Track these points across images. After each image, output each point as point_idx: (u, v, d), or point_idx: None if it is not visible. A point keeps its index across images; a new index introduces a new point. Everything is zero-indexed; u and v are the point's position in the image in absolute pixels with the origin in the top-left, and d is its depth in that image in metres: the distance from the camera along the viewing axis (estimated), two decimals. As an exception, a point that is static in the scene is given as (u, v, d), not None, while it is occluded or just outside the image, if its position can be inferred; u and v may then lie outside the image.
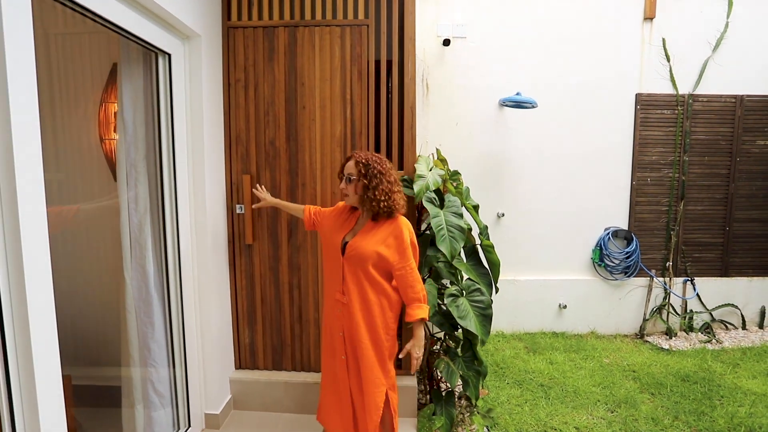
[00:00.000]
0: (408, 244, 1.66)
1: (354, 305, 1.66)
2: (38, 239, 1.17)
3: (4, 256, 1.12)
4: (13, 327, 1.15)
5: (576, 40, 3.52)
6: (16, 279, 1.13)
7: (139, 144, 1.89)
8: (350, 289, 1.67)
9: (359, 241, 1.65)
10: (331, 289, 1.76)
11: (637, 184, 3.62)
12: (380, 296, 1.68)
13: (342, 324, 1.71)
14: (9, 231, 1.12)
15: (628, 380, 2.89)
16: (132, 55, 1.86)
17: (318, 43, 2.22)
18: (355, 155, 1.67)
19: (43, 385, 1.17)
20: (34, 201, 1.16)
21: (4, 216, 1.12)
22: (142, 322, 1.92)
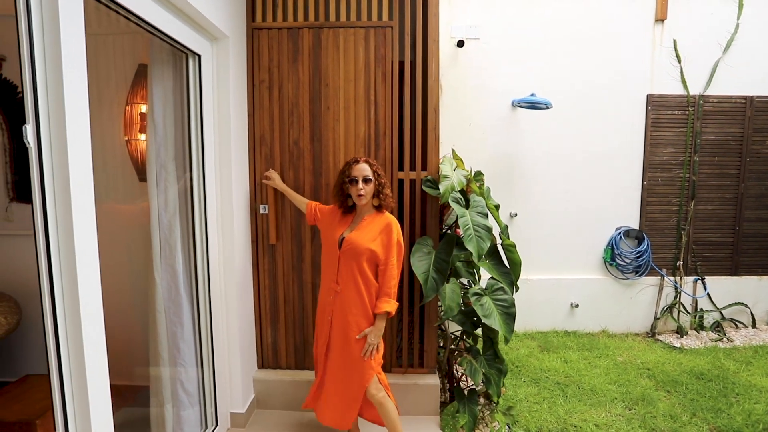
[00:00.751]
0: (394, 243, 1.86)
1: (346, 293, 1.86)
2: (88, 240, 1.18)
3: (57, 255, 1.13)
4: (66, 329, 1.16)
5: (588, 42, 3.55)
6: (68, 280, 1.15)
7: (168, 145, 1.90)
8: (344, 279, 1.86)
9: (355, 238, 1.84)
10: (326, 278, 1.95)
11: (648, 184, 3.66)
12: (368, 286, 1.87)
13: (333, 309, 1.90)
14: (63, 232, 1.13)
15: (643, 378, 2.92)
16: (162, 57, 1.86)
17: (342, 45, 2.23)
18: (360, 159, 1.88)
19: (94, 385, 1.19)
20: (84, 200, 1.17)
21: (58, 217, 1.13)
22: (171, 322, 1.93)
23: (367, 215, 1.90)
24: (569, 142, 3.64)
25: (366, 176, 1.84)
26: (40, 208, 1.11)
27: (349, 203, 1.93)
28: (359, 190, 1.83)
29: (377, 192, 1.88)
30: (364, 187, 1.83)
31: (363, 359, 1.85)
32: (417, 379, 2.36)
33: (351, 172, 1.86)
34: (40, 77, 1.08)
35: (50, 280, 1.12)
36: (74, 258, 1.14)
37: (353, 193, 1.87)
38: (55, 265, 1.13)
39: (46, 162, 1.11)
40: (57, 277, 1.13)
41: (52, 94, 1.10)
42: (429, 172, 2.27)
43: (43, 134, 1.09)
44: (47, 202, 1.11)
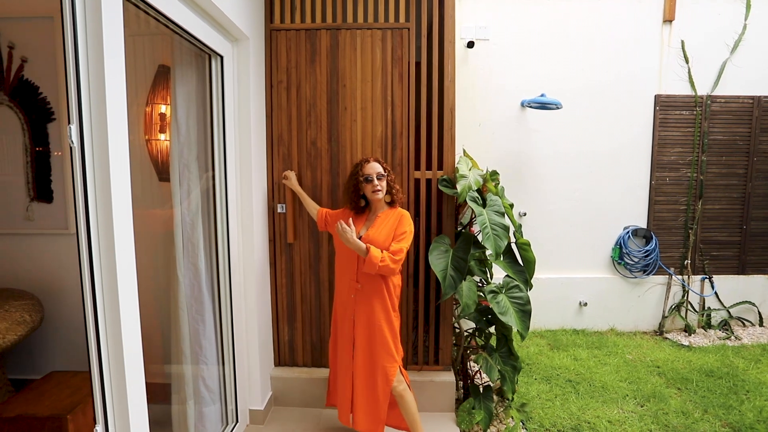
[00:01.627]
0: (405, 230, 1.89)
1: (367, 290, 1.90)
2: (127, 238, 1.21)
3: (98, 257, 1.16)
4: (105, 326, 1.19)
5: (596, 43, 3.58)
6: (108, 278, 1.17)
7: (191, 145, 1.93)
8: (364, 277, 1.89)
9: (373, 236, 1.88)
10: (344, 278, 1.98)
11: (656, 183, 3.69)
12: (388, 280, 1.91)
13: (354, 309, 1.93)
14: (103, 231, 1.16)
15: (653, 376, 2.95)
16: (185, 58, 1.89)
17: (359, 46, 2.26)
18: (370, 158, 1.96)
19: (132, 380, 1.22)
20: (123, 198, 1.20)
21: (99, 216, 1.16)
22: (194, 320, 1.95)
23: (381, 212, 1.95)
24: (578, 142, 3.67)
25: (379, 173, 1.91)
26: (83, 207, 1.14)
27: (361, 204, 1.97)
28: (375, 186, 1.89)
29: (389, 188, 1.94)
30: (379, 183, 1.90)
31: (386, 353, 1.89)
32: (433, 376, 2.39)
33: (364, 171, 1.92)
34: (83, 77, 1.10)
35: (91, 278, 1.15)
36: (114, 256, 1.17)
37: (368, 191, 1.91)
38: (96, 263, 1.16)
39: (88, 161, 1.13)
40: (98, 274, 1.16)
41: (95, 93, 1.12)
42: (445, 171, 2.30)
43: (86, 134, 1.12)
44: (89, 201, 1.14)
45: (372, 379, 1.93)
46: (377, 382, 1.92)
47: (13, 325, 1.85)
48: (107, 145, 1.13)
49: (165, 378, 2.04)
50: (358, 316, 1.93)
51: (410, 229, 1.90)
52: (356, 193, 1.95)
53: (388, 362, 1.91)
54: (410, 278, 2.35)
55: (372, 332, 1.91)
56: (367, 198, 1.97)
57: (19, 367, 2.43)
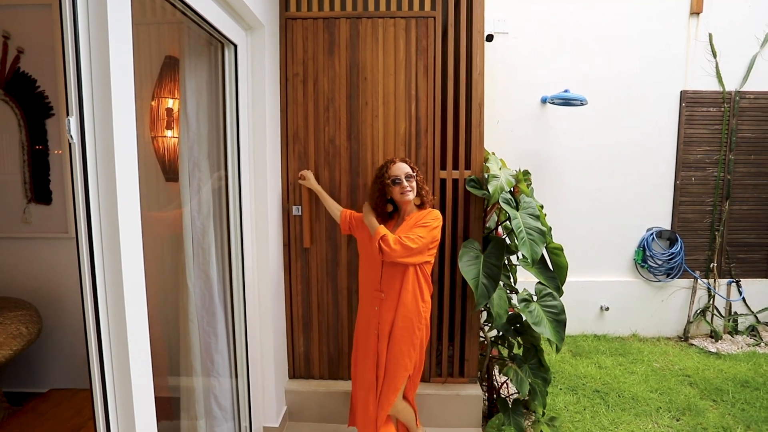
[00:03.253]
0: (429, 225, 1.72)
1: (390, 299, 1.76)
2: (134, 243, 1.06)
3: (102, 265, 1.01)
4: (110, 341, 1.04)
5: (620, 36, 3.43)
6: (113, 287, 1.02)
7: (202, 142, 1.77)
8: (387, 285, 1.76)
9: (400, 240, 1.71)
10: (368, 287, 1.84)
11: (681, 183, 3.54)
12: (415, 286, 1.76)
13: (378, 320, 1.79)
14: (107, 236, 1.00)
15: (684, 386, 2.81)
16: (196, 47, 1.73)
17: (382, 36, 2.10)
18: (395, 159, 1.81)
19: (140, 397, 1.06)
20: (130, 200, 1.05)
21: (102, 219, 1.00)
22: (205, 332, 1.80)
23: (410, 215, 1.80)
24: (599, 140, 3.52)
25: (408, 173, 1.76)
26: (83, 210, 0.98)
27: (388, 209, 1.83)
28: (404, 188, 1.74)
29: (418, 189, 1.79)
30: (409, 183, 1.75)
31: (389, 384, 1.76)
32: (458, 390, 2.24)
33: (391, 172, 1.77)
34: (84, 61, 0.95)
35: (93, 290, 0.99)
36: (120, 265, 1.01)
37: (396, 194, 1.76)
38: (99, 272, 1.00)
39: (89, 158, 0.98)
40: (101, 284, 1.00)
41: (98, 81, 0.97)
42: (473, 171, 2.15)
43: (87, 128, 0.96)
44: (91, 203, 0.98)
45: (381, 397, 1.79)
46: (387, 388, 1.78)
47: (8, 338, 1.69)
48: (112, 141, 0.98)
49: (173, 395, 1.88)
50: (383, 329, 1.78)
51: (435, 223, 1.73)
52: (382, 197, 1.80)
53: (400, 370, 1.76)
54: (434, 284, 2.20)
55: (393, 349, 1.77)
56: (395, 202, 1.82)
57: (16, 379, 2.27)
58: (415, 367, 1.81)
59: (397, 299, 1.75)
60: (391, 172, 1.76)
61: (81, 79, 0.93)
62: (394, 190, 1.76)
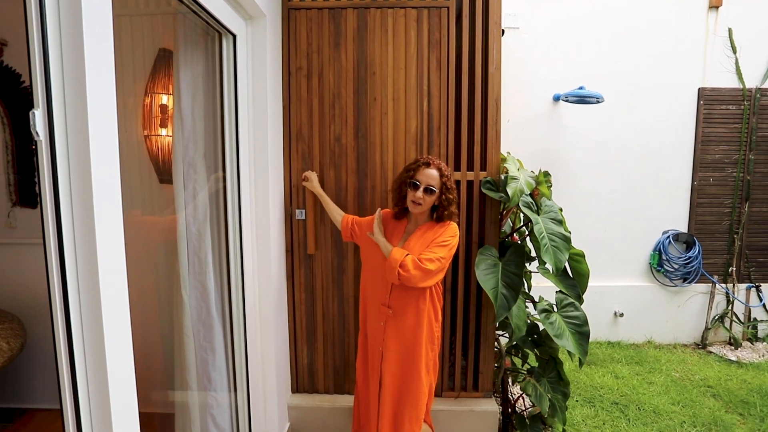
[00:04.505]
0: (446, 241, 1.57)
1: (401, 318, 1.61)
2: (114, 254, 0.92)
3: (74, 274, 0.87)
4: (85, 363, 0.89)
5: (635, 32, 3.29)
6: (89, 303, 0.88)
7: (198, 140, 1.63)
8: (398, 301, 1.61)
9: (413, 250, 1.57)
10: (373, 300, 1.70)
11: (699, 184, 3.40)
12: (429, 305, 1.62)
13: (383, 337, 1.64)
14: (82, 244, 0.86)
15: (707, 397, 2.67)
16: (191, 38, 1.59)
17: (391, 27, 1.96)
18: (433, 162, 1.61)
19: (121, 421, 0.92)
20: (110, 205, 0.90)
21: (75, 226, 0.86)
22: (201, 348, 1.66)
23: (423, 224, 1.65)
24: (613, 139, 3.38)
25: (430, 185, 1.56)
26: (53, 215, 0.84)
27: (405, 205, 1.67)
28: (417, 197, 1.57)
29: (442, 207, 1.60)
30: (423, 197, 1.57)
31: (412, 405, 1.61)
32: (472, 405, 2.10)
33: (416, 174, 1.59)
34: (53, 45, 0.80)
35: (65, 304, 0.85)
36: (97, 276, 0.88)
37: (408, 198, 1.61)
38: (72, 285, 0.86)
39: (60, 158, 0.83)
40: (74, 300, 0.86)
41: (70, 68, 0.82)
42: (488, 172, 2.00)
43: (57, 122, 0.82)
44: (61, 208, 0.84)
45: (399, 426, 1.64)
46: (409, 419, 1.63)
47: (-14, 355, 1.55)
48: (87, 137, 0.83)
49: (167, 416, 1.74)
50: (388, 348, 1.63)
51: (454, 241, 1.59)
52: (400, 192, 1.65)
53: (412, 419, 1.62)
54: (447, 293, 2.06)
55: (403, 371, 1.62)
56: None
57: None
58: (430, 387, 1.68)
59: (407, 319, 1.61)
60: (417, 174, 1.59)
61: (48, 62, 0.79)
62: (408, 192, 1.61)
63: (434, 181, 1.56)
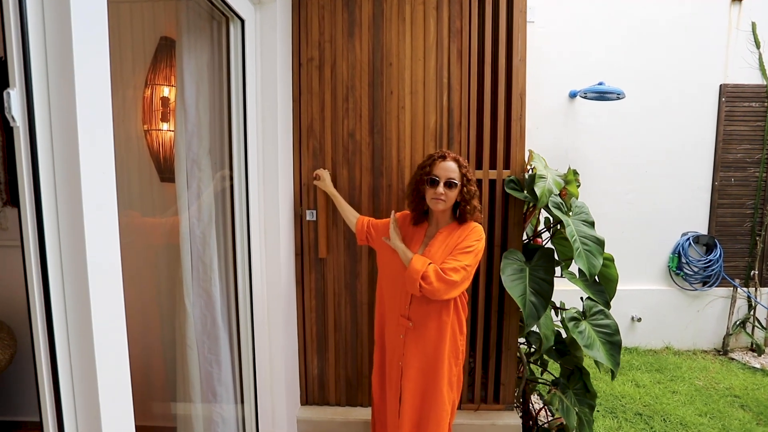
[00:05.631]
0: (472, 245, 1.43)
1: (422, 331, 1.47)
2: (108, 260, 0.79)
3: (59, 283, 0.74)
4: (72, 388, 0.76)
5: (654, 26, 3.17)
6: (77, 317, 0.75)
7: (203, 135, 1.50)
8: (418, 313, 1.48)
9: (435, 257, 1.43)
10: (391, 310, 1.56)
11: (720, 184, 3.27)
12: (453, 316, 1.49)
13: (402, 351, 1.51)
14: (68, 249, 0.73)
15: (735, 408, 2.55)
16: (196, 23, 1.46)
17: (409, 15, 1.83)
18: (449, 154, 1.49)
19: None
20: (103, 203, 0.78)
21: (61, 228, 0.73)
22: (206, 360, 1.53)
23: (445, 226, 1.50)
24: (632, 138, 3.26)
25: (451, 179, 1.43)
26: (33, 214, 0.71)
27: (423, 207, 1.52)
28: (438, 194, 1.42)
29: (464, 202, 1.46)
30: (445, 192, 1.43)
31: (441, 419, 1.47)
32: (494, 419, 1.97)
33: (433, 169, 1.45)
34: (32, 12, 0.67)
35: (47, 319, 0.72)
36: (87, 284, 0.75)
37: (429, 196, 1.46)
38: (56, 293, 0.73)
39: (41, 147, 0.70)
40: (59, 315, 0.74)
41: (54, 35, 0.69)
42: (512, 171, 1.88)
43: (37, 105, 0.69)
44: (43, 207, 0.71)
45: None
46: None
47: (-30, 369, 1.42)
48: (75, 123, 0.70)
49: (168, 430, 1.61)
50: (409, 363, 1.49)
51: (480, 246, 1.44)
52: (417, 194, 1.50)
53: (440, 419, 1.48)
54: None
55: (424, 388, 1.49)
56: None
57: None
58: (452, 404, 1.55)
59: (429, 332, 1.47)
60: (434, 169, 1.45)
61: (26, 32, 0.66)
62: (428, 191, 1.47)
63: (454, 173, 1.44)
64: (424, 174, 1.47)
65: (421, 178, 1.48)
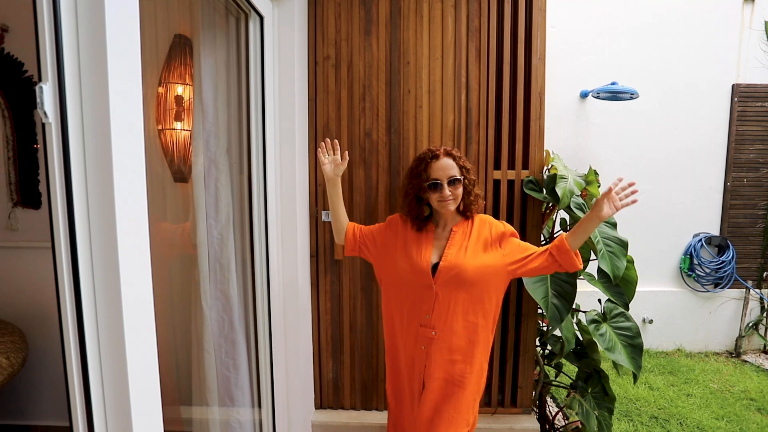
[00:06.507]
0: (509, 232, 1.38)
1: (446, 336, 1.34)
2: (140, 262, 0.76)
3: (91, 285, 0.71)
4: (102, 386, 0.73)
5: (666, 26, 3.14)
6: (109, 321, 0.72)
7: (221, 134, 1.47)
8: (445, 319, 1.33)
9: (458, 258, 1.31)
10: (409, 326, 1.39)
11: (732, 185, 3.25)
12: (487, 319, 1.36)
13: (425, 363, 1.37)
14: (99, 250, 0.70)
15: (752, 412, 2.51)
16: (213, 20, 1.43)
17: (427, 13, 1.81)
18: (439, 150, 1.36)
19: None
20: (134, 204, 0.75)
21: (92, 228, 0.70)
22: (223, 364, 1.50)
23: (454, 225, 1.38)
24: (643, 138, 3.23)
25: (452, 176, 1.31)
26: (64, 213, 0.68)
27: (425, 213, 1.39)
28: (445, 196, 1.30)
29: (466, 194, 1.35)
30: (452, 191, 1.31)
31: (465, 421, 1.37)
32: (512, 422, 1.94)
33: (431, 173, 1.32)
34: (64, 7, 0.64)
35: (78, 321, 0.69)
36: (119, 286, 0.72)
37: (434, 200, 1.33)
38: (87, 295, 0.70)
39: (74, 144, 0.67)
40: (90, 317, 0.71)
41: (86, 35, 0.66)
42: (531, 171, 1.85)
43: (69, 101, 0.66)
44: (74, 206, 0.68)
45: None
46: None
47: (-16, 373, 1.39)
48: (108, 119, 0.67)
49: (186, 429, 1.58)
50: (432, 375, 1.35)
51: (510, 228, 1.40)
52: (416, 200, 1.36)
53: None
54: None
55: (448, 400, 1.35)
56: (431, 206, 1.39)
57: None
58: (474, 417, 1.44)
59: (457, 339, 1.33)
60: (432, 172, 1.32)
61: (59, 27, 0.63)
62: (432, 196, 1.33)
63: (453, 169, 1.33)
64: (422, 182, 1.34)
65: (419, 186, 1.35)
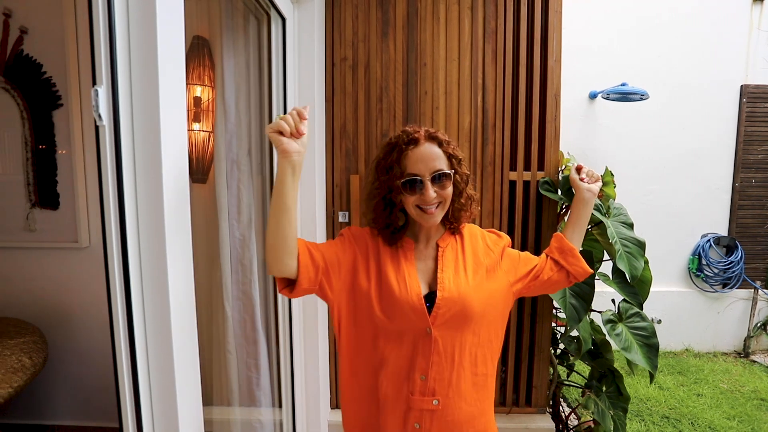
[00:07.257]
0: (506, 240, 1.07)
1: (456, 405, 0.90)
2: (183, 258, 0.77)
3: (139, 286, 0.72)
4: (149, 384, 0.75)
5: (674, 27, 3.16)
6: (155, 316, 0.73)
7: (242, 135, 1.48)
8: (449, 378, 0.89)
9: (459, 286, 0.90)
10: (397, 391, 0.90)
11: (741, 185, 3.26)
12: (494, 363, 0.97)
13: None
14: (148, 254, 0.71)
15: (763, 411, 2.53)
16: (235, 21, 1.44)
17: (444, 15, 1.82)
18: (419, 132, 0.91)
19: None
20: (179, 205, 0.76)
21: (141, 228, 0.72)
22: (245, 366, 1.51)
23: (439, 239, 0.97)
24: (652, 139, 3.25)
25: (438, 170, 0.89)
26: (116, 215, 0.69)
27: (398, 223, 0.96)
28: (429, 199, 0.88)
29: (456, 194, 0.94)
30: (438, 191, 0.89)
31: None
32: (527, 422, 1.95)
33: (407, 166, 0.89)
34: (119, 11, 0.65)
35: (128, 317, 0.70)
36: (167, 288, 0.74)
37: (411, 206, 0.90)
38: (136, 292, 0.72)
39: (125, 146, 0.68)
40: (138, 312, 0.72)
41: (138, 38, 0.67)
42: (546, 172, 1.86)
43: (122, 103, 0.67)
44: (125, 207, 0.69)
45: None
46: None
47: (7, 373, 1.40)
48: (159, 122, 0.68)
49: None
50: None
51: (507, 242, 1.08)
52: (382, 206, 0.94)
53: None
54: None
55: None
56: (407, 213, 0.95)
57: (17, 410, 1.97)
58: None
59: (466, 403, 0.91)
60: (408, 164, 0.89)
61: (114, 31, 0.64)
62: (407, 200, 0.90)
63: (439, 160, 0.89)
64: (393, 177, 0.90)
65: (390, 184, 0.91)
